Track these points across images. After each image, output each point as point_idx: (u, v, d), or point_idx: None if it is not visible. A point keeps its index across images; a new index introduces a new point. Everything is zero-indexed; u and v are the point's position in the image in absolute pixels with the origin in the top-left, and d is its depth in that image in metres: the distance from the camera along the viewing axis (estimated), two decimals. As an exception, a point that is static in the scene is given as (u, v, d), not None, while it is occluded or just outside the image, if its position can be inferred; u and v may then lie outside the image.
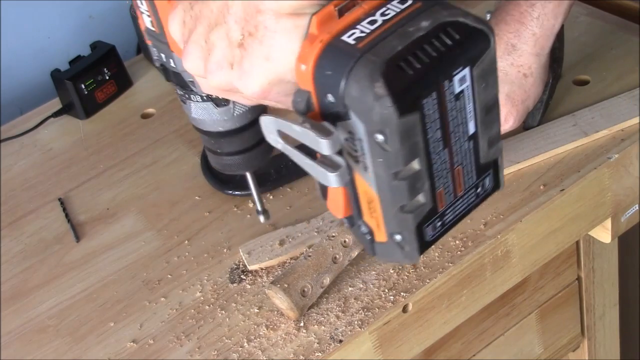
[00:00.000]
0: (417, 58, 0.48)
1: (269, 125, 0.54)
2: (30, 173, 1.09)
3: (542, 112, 0.94)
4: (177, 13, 0.56)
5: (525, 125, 0.94)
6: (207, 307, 0.84)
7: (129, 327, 0.84)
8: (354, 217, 0.56)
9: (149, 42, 0.65)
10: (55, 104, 1.19)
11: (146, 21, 0.63)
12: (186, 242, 0.92)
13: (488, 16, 1.09)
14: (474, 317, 0.90)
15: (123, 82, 1.20)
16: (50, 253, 0.96)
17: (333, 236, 0.81)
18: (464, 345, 0.96)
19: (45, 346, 0.84)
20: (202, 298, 0.85)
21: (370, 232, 0.55)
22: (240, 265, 0.87)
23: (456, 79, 0.50)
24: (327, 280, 0.80)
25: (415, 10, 0.50)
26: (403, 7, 0.51)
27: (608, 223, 0.94)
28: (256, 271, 0.86)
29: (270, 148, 0.72)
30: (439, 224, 0.54)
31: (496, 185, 0.57)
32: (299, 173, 0.96)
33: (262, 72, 0.52)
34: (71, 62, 1.17)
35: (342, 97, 0.49)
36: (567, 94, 0.99)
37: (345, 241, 0.81)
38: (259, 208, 0.78)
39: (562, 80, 0.98)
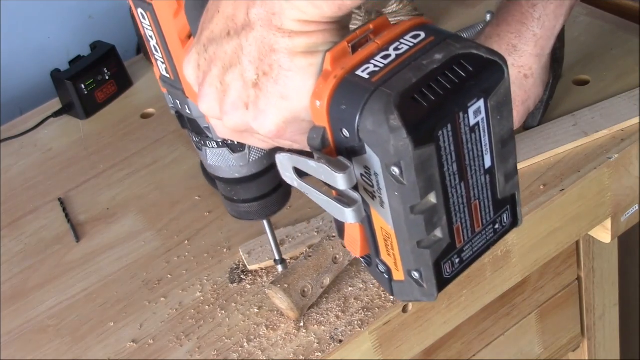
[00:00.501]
0: (432, 90, 0.48)
1: (284, 163, 0.54)
2: (30, 173, 1.09)
3: (542, 112, 0.94)
4: (192, 56, 0.56)
5: (526, 126, 0.94)
6: (207, 307, 0.84)
7: (129, 327, 0.84)
8: (371, 256, 0.56)
9: (163, 90, 0.66)
10: (55, 104, 1.19)
11: (161, 68, 0.64)
12: (186, 242, 0.92)
13: (488, 16, 1.09)
14: (474, 317, 0.90)
15: (123, 82, 1.20)
16: (50, 253, 0.96)
17: (333, 236, 0.81)
18: (464, 345, 0.96)
19: (45, 346, 0.84)
20: (202, 298, 0.85)
21: (388, 271, 0.55)
22: (240, 265, 0.87)
23: (471, 110, 0.50)
24: (327, 281, 0.80)
25: (428, 44, 0.50)
26: (416, 41, 0.51)
27: (608, 223, 0.94)
28: (256, 271, 0.86)
29: (287, 195, 0.72)
30: (457, 260, 0.54)
31: (515, 221, 0.57)
32: (299, 173, 0.96)
33: (277, 111, 0.52)
34: (71, 62, 1.17)
35: (357, 131, 0.49)
36: (567, 94, 0.99)
37: (345, 241, 0.81)
38: (277, 257, 0.78)
39: (562, 80, 0.98)
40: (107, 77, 1.18)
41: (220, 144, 0.67)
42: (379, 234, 0.54)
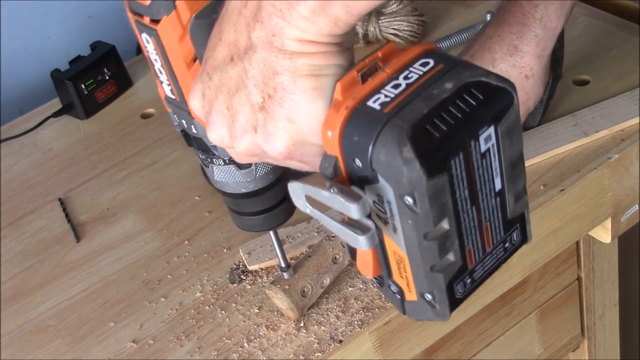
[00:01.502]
0: (443, 120, 0.49)
1: (297, 191, 0.54)
2: (30, 173, 1.09)
3: (542, 112, 0.94)
4: (197, 87, 0.56)
5: (526, 126, 0.94)
6: (207, 307, 0.84)
7: (129, 327, 0.84)
8: (383, 277, 0.57)
9: (168, 110, 0.66)
10: (55, 104, 1.19)
11: (166, 90, 0.64)
12: (186, 242, 0.92)
13: (488, 16, 1.09)
14: (474, 317, 0.90)
15: (123, 82, 1.20)
16: (50, 253, 0.96)
17: (333, 236, 0.81)
18: (464, 345, 0.96)
19: (45, 346, 0.84)
20: (202, 298, 0.85)
21: (401, 292, 0.56)
22: (240, 266, 0.87)
23: (482, 137, 0.50)
24: (327, 281, 0.80)
25: (438, 72, 0.51)
26: (425, 69, 0.51)
27: (608, 223, 0.94)
28: (256, 271, 0.86)
29: (293, 206, 0.73)
30: (469, 280, 0.54)
31: (524, 238, 0.57)
32: (298, 174, 0.96)
33: (286, 133, 0.52)
34: (71, 62, 1.17)
35: (370, 162, 0.49)
36: (567, 94, 0.99)
37: (345, 241, 0.81)
38: (283, 265, 0.78)
39: (562, 80, 0.98)
40: (107, 77, 1.18)
41: (227, 161, 0.67)
42: (391, 258, 0.54)
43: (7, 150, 1.14)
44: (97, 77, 1.16)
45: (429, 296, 0.54)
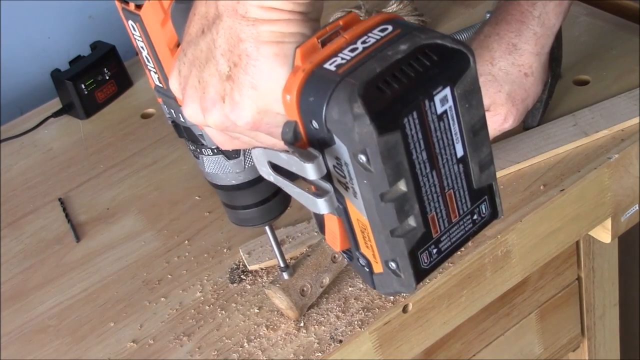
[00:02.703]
0: (396, 79, 0.49)
1: (259, 157, 0.55)
2: (30, 173, 1.09)
3: (542, 112, 0.94)
4: (174, 66, 0.57)
5: (525, 125, 0.94)
6: (207, 307, 0.84)
7: (129, 327, 0.84)
8: (351, 250, 0.57)
9: (159, 100, 0.66)
10: (55, 104, 1.19)
11: (154, 78, 0.64)
12: (186, 242, 0.92)
13: (488, 16, 1.09)
14: (474, 317, 0.90)
15: (123, 82, 1.20)
16: (50, 253, 0.96)
17: (333, 236, 0.81)
18: (464, 345, 0.96)
19: (45, 346, 0.84)
20: (202, 298, 0.85)
21: (368, 264, 0.56)
22: (240, 266, 0.87)
23: (437, 98, 0.50)
24: (326, 280, 0.80)
25: (395, 36, 0.52)
26: (383, 34, 0.52)
27: (608, 223, 0.94)
28: (256, 271, 0.86)
29: (287, 200, 0.73)
30: (435, 250, 0.54)
31: (494, 213, 0.57)
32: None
33: (250, 101, 0.53)
34: (71, 62, 1.17)
35: (325, 122, 0.50)
36: (567, 94, 0.99)
37: (345, 241, 0.81)
38: (282, 264, 0.78)
39: (562, 80, 0.98)
40: (107, 77, 1.18)
41: (216, 151, 0.67)
42: (356, 226, 0.55)
43: (7, 150, 1.14)
44: (97, 77, 1.16)
45: (393, 264, 0.54)
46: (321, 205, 0.52)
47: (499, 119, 0.84)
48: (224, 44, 0.53)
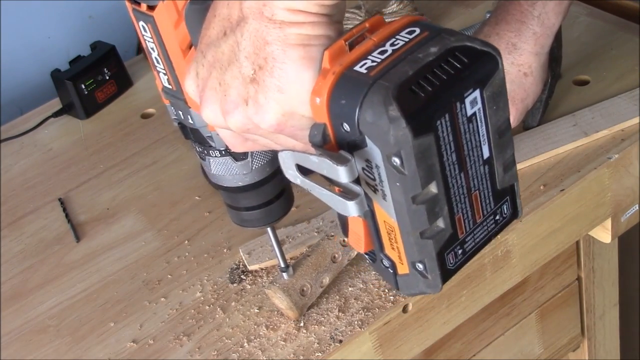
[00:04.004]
0: (428, 81, 0.49)
1: (286, 160, 0.55)
2: (30, 173, 1.09)
3: (542, 112, 0.94)
4: (191, 67, 0.57)
5: (525, 125, 0.94)
6: (207, 307, 0.84)
7: (129, 327, 0.84)
8: (375, 252, 0.57)
9: (166, 102, 0.66)
10: (55, 104, 1.19)
11: (163, 80, 0.64)
12: (186, 242, 0.92)
13: (487, 16, 1.09)
14: (474, 317, 0.90)
15: (123, 82, 1.20)
16: (50, 253, 0.96)
17: (332, 235, 0.81)
18: (464, 345, 0.96)
19: (45, 346, 0.84)
20: (202, 298, 0.85)
21: (393, 265, 0.56)
22: (240, 266, 0.87)
23: (467, 100, 0.51)
24: (326, 280, 0.80)
25: (423, 38, 0.52)
26: (411, 36, 0.52)
27: (608, 223, 0.94)
28: (256, 271, 0.86)
29: (290, 202, 0.74)
30: (460, 251, 0.55)
31: (514, 212, 0.58)
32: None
33: (276, 104, 0.53)
34: (71, 62, 1.17)
35: (357, 124, 0.50)
36: (567, 94, 0.99)
37: (344, 240, 0.81)
38: (282, 265, 0.78)
39: (562, 80, 0.98)
40: (107, 77, 1.18)
41: (224, 152, 0.67)
42: (382, 228, 0.55)
43: (7, 150, 1.14)
44: (97, 77, 1.16)
45: (420, 266, 0.54)
46: (351, 208, 0.52)
47: (499, 118, 0.84)
48: (249, 47, 0.52)
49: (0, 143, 1.15)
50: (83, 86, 1.15)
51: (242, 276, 0.86)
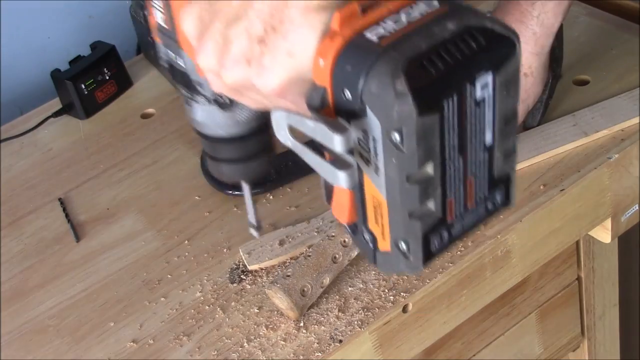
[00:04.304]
0: (441, 58, 0.48)
1: (280, 121, 0.53)
2: (30, 173, 1.09)
3: (542, 112, 0.94)
4: (193, 8, 0.55)
5: (526, 125, 0.94)
6: (207, 307, 0.84)
7: (129, 327, 0.84)
8: (357, 224, 0.56)
9: (158, 40, 0.64)
10: (55, 104, 1.19)
11: (157, 17, 0.62)
12: (186, 242, 0.92)
13: (488, 16, 1.08)
14: (474, 317, 0.90)
15: (123, 82, 1.20)
16: (50, 253, 0.96)
17: (333, 236, 0.81)
18: (464, 345, 0.96)
19: (45, 346, 0.84)
20: (202, 298, 0.85)
21: (374, 240, 0.55)
22: (240, 265, 0.87)
23: (478, 84, 0.49)
24: (326, 280, 0.80)
25: (442, 13, 0.50)
26: (429, 9, 0.50)
27: (608, 223, 0.94)
28: (256, 271, 0.86)
29: (270, 164, 0.72)
30: (446, 235, 0.53)
31: (507, 201, 0.56)
32: (299, 173, 0.96)
33: (282, 69, 0.51)
34: (71, 62, 1.17)
35: (360, 94, 0.48)
36: (567, 94, 0.99)
37: (344, 241, 0.81)
38: (254, 222, 0.77)
39: (562, 80, 0.98)
40: (107, 77, 1.18)
41: (211, 100, 0.66)
42: (369, 202, 0.53)
43: (7, 150, 1.14)
44: (97, 77, 1.16)
45: (403, 245, 0.52)
46: (342, 179, 0.51)
47: (499, 119, 0.84)
48: (265, 6, 0.51)
49: (0, 143, 1.15)
50: (83, 86, 1.15)
51: (242, 276, 0.86)
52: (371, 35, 0.49)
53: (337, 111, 0.51)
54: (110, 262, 0.92)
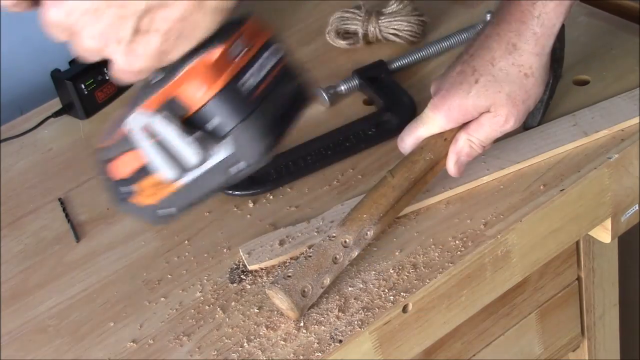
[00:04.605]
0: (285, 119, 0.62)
1: (133, 123, 0.63)
2: (30, 173, 1.09)
3: (543, 113, 0.94)
4: None
5: (526, 126, 0.94)
6: (207, 307, 0.84)
7: (129, 327, 0.84)
8: (125, 180, 0.64)
9: None
10: (55, 104, 1.19)
11: None
12: (186, 242, 0.92)
13: (488, 16, 1.09)
14: (474, 317, 0.90)
15: (123, 82, 1.20)
16: (50, 253, 0.96)
17: (333, 236, 0.81)
18: (464, 345, 0.96)
19: (45, 346, 0.84)
20: (202, 298, 0.85)
21: (131, 194, 0.63)
22: (240, 265, 0.87)
23: None
24: (327, 281, 0.80)
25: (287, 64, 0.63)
26: (280, 55, 0.60)
27: (608, 223, 0.94)
28: (256, 271, 0.86)
29: None
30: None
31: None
32: (299, 173, 0.96)
33: (151, 60, 0.56)
34: (71, 62, 1.17)
35: (228, 131, 0.58)
36: (567, 94, 0.99)
37: (345, 242, 0.81)
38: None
39: (562, 80, 0.98)
40: (107, 77, 1.18)
41: None
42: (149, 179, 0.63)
43: (7, 150, 1.14)
44: (97, 77, 1.16)
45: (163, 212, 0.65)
46: (170, 173, 0.62)
47: (499, 120, 0.84)
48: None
49: (0, 143, 1.15)
50: (83, 86, 1.15)
51: (242, 276, 0.86)
52: (243, 84, 0.58)
53: (190, 119, 0.59)
54: (110, 262, 0.92)
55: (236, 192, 0.96)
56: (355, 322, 0.78)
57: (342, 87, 1.06)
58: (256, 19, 0.60)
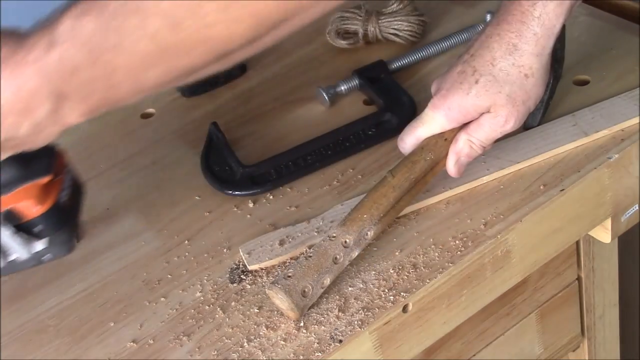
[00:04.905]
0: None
1: None
2: (30, 173, 1.09)
3: (543, 113, 0.94)
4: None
5: (526, 126, 0.94)
6: (207, 307, 0.84)
7: (129, 327, 0.84)
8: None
9: None
10: (55, 103, 1.19)
11: None
12: (186, 242, 0.92)
13: (488, 16, 1.09)
14: (474, 317, 0.90)
15: (123, 82, 1.20)
16: (50, 253, 0.96)
17: (334, 236, 0.81)
18: (464, 345, 0.97)
19: (45, 346, 0.84)
20: (202, 298, 0.85)
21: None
22: (240, 265, 0.87)
23: None
24: (327, 281, 0.80)
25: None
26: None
27: (608, 223, 0.94)
28: (256, 271, 0.86)
29: None
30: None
31: None
32: (299, 173, 0.97)
33: None
34: (71, 62, 1.17)
35: (44, 235, 0.80)
36: (567, 94, 0.99)
37: (345, 242, 0.81)
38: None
39: (562, 80, 0.98)
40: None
41: None
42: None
43: (7, 150, 1.14)
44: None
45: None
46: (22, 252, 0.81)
47: (500, 120, 0.84)
48: None
49: (0, 143, 1.15)
50: (83, 86, 1.15)
51: (242, 276, 0.86)
52: (59, 202, 0.79)
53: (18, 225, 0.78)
54: (110, 262, 0.92)
55: (236, 192, 0.96)
56: (355, 322, 0.78)
57: (342, 87, 1.07)
58: (60, 150, 0.80)
